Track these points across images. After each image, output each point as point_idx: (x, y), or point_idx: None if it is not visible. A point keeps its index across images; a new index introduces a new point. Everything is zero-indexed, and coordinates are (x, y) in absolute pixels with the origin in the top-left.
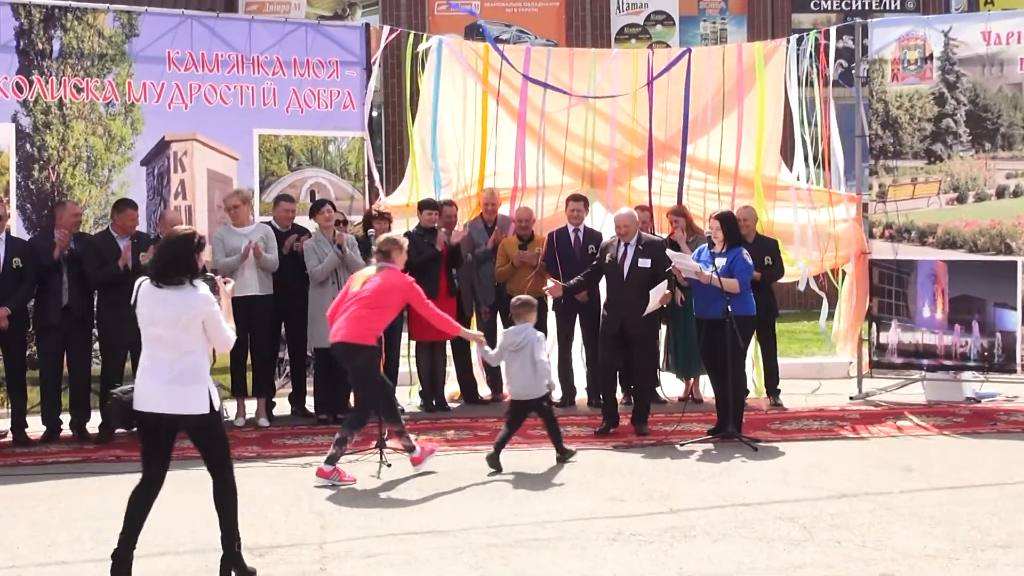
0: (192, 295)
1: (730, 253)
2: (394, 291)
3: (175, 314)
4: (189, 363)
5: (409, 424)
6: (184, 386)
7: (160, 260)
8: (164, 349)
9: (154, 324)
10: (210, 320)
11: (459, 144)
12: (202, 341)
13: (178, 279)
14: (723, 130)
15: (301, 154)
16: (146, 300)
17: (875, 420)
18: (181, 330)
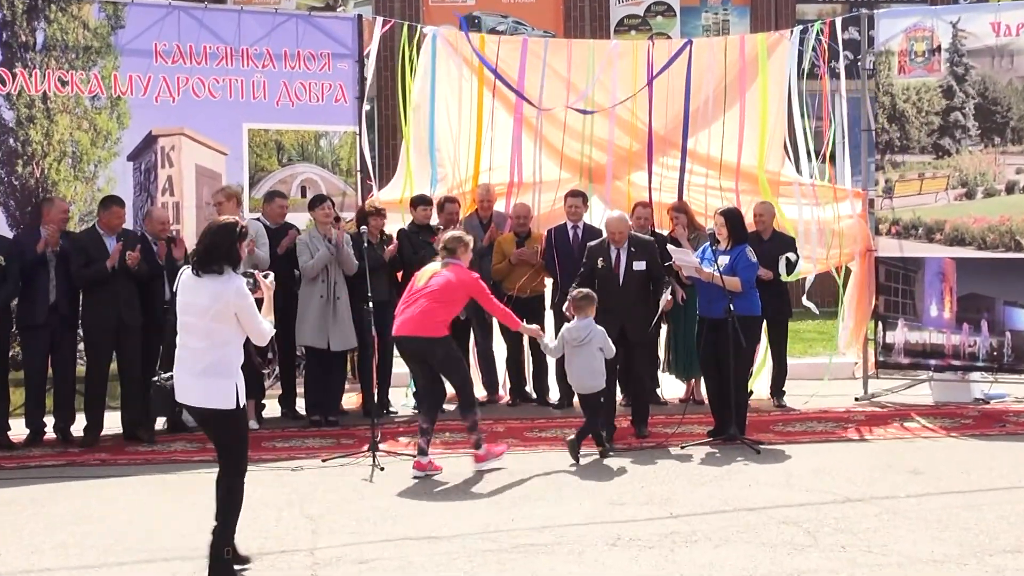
0: (227, 286)
1: (734, 251)
2: (461, 287)
3: (207, 303)
4: (218, 356)
5: (402, 427)
6: (211, 379)
7: (201, 248)
8: (195, 338)
9: (187, 312)
10: (243, 312)
11: (453, 138)
12: (235, 334)
13: (217, 268)
14: (724, 124)
15: (292, 149)
16: (184, 288)
17: (881, 422)
18: (212, 320)
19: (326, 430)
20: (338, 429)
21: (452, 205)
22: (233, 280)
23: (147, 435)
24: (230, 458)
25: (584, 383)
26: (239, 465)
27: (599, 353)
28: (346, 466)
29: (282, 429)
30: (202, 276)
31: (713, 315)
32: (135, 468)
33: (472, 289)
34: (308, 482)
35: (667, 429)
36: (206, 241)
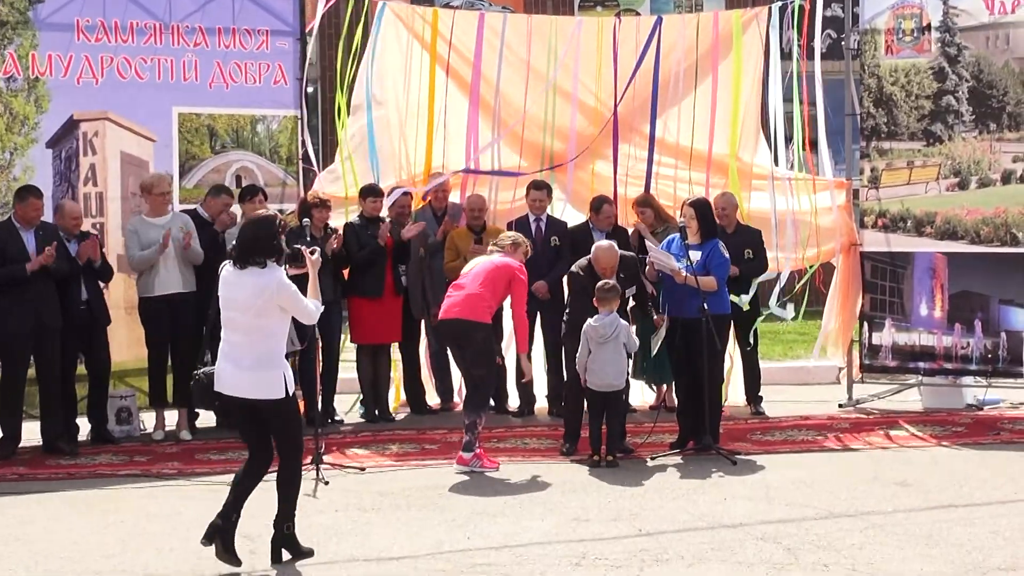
0: (269, 279)
1: (705, 246)
2: (507, 271)
3: (250, 298)
4: (265, 349)
5: (349, 438)
6: (260, 371)
7: (241, 242)
8: (239, 333)
9: (230, 307)
10: (288, 302)
11: (402, 122)
12: (279, 325)
13: (259, 261)
14: (695, 108)
15: (226, 135)
16: (226, 283)
17: (867, 430)
18: (256, 315)
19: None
20: None
21: (404, 198)
22: (275, 272)
23: (69, 446)
24: (289, 443)
25: (608, 381)
26: (298, 448)
27: (623, 349)
28: None
29: (217, 440)
30: (244, 269)
31: (684, 315)
32: (56, 483)
33: (514, 277)
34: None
35: (636, 439)
36: (247, 234)
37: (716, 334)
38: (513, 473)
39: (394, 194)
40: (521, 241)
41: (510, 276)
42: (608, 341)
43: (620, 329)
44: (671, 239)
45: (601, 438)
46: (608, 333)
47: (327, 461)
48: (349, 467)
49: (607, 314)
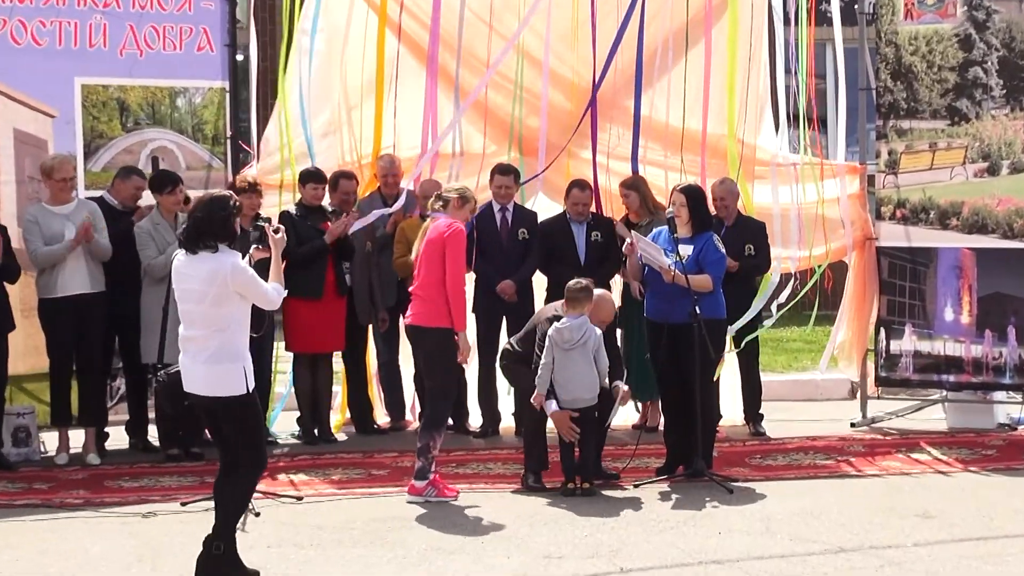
0: (222, 263)
1: (698, 240)
2: (438, 247)
3: (204, 286)
4: (222, 340)
5: (283, 462)
6: (216, 365)
7: (191, 224)
8: (196, 327)
9: (184, 299)
10: (246, 288)
11: (346, 95)
12: (238, 314)
13: (210, 244)
14: (686, 81)
15: (139, 110)
16: (177, 273)
17: (883, 453)
18: (211, 305)
19: (186, 466)
20: (202, 464)
21: (348, 182)
22: (228, 256)
23: None
24: (243, 449)
25: (579, 395)
26: (257, 457)
27: (601, 361)
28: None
29: (131, 465)
30: (195, 255)
31: (673, 320)
32: None
33: (446, 240)
34: (163, 532)
35: (617, 463)
36: (197, 215)
37: (710, 342)
38: (475, 503)
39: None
40: (470, 196)
41: (443, 232)
42: (575, 347)
43: (590, 335)
44: (657, 232)
45: (574, 463)
46: (575, 339)
47: (258, 489)
48: (284, 496)
49: (575, 317)
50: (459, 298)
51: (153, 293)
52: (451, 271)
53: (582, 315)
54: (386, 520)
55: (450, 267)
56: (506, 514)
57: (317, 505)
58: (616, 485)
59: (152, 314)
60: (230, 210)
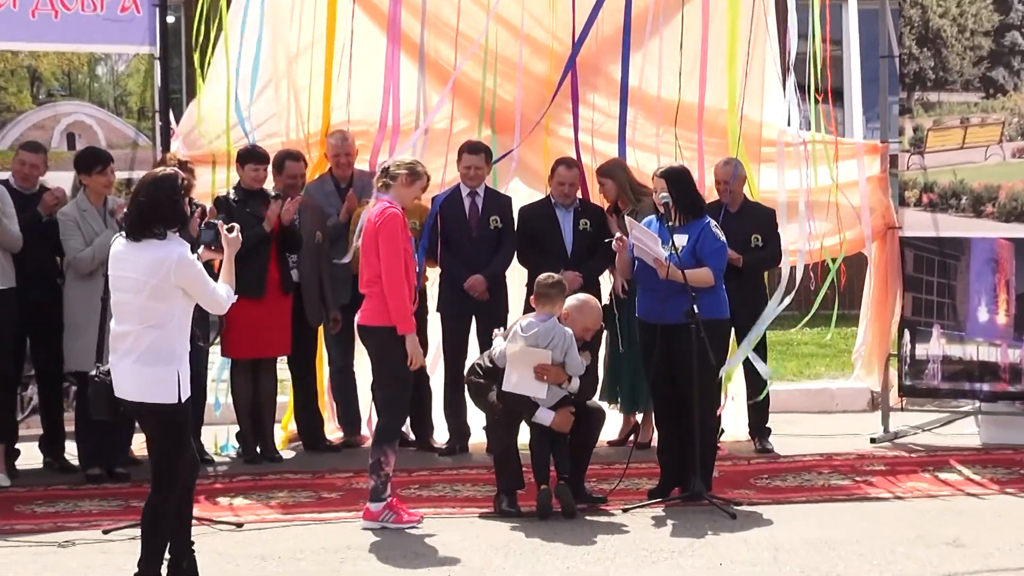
0: (168, 253)
1: (692, 227)
2: (372, 235)
3: (144, 276)
4: (156, 339)
5: (220, 484)
6: (148, 367)
7: (135, 209)
8: (130, 322)
9: (120, 288)
10: (191, 284)
11: (291, 65)
12: (178, 311)
13: (157, 231)
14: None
15: (53, 80)
16: (116, 259)
17: (908, 472)
18: (149, 297)
19: (109, 487)
20: (128, 486)
21: (295, 164)
22: (176, 246)
23: None
24: (158, 466)
25: (524, 392)
26: (168, 476)
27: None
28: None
29: (45, 487)
30: (139, 242)
31: (667, 320)
32: None
33: (379, 225)
34: (82, 564)
35: (604, 484)
36: (140, 199)
37: (710, 345)
38: (440, 529)
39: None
40: (421, 171)
41: (376, 220)
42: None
43: (557, 339)
44: (647, 222)
45: (548, 465)
46: (542, 345)
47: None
48: (221, 522)
49: (545, 318)
50: (398, 294)
51: (78, 290)
52: (386, 262)
53: (552, 316)
54: (339, 550)
55: (385, 258)
56: (477, 543)
57: (259, 533)
58: (603, 510)
59: (78, 314)
60: (178, 191)
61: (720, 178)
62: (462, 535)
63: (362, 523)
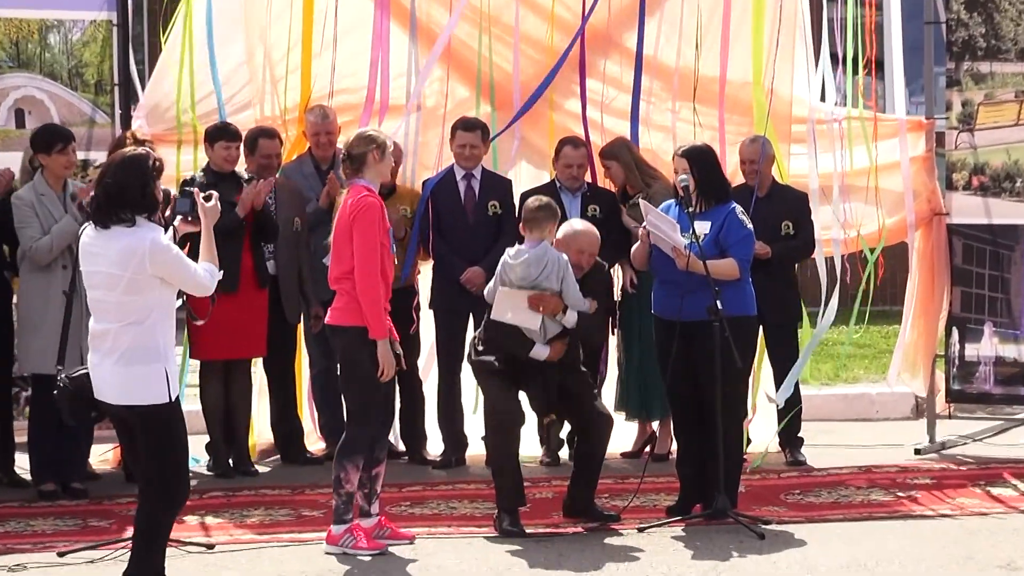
0: (140, 240)
1: (715, 213)
2: (346, 223)
3: (117, 269)
4: (137, 336)
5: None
6: (130, 366)
7: (101, 193)
8: (107, 320)
9: (93, 284)
10: (169, 269)
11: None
12: (160, 303)
13: (126, 217)
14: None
15: (1, 49)
16: (85, 252)
17: (956, 487)
18: (125, 292)
19: (66, 505)
20: (85, 504)
21: (269, 142)
22: (147, 232)
23: None
24: (155, 479)
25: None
26: (167, 491)
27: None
28: (98, 563)
29: None
30: (107, 230)
31: (686, 316)
32: None
33: (353, 212)
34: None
35: (617, 501)
36: (107, 181)
37: (735, 345)
38: (435, 551)
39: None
40: (382, 138)
41: (351, 210)
42: (531, 286)
43: (551, 266)
44: (665, 207)
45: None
46: (533, 275)
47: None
48: (190, 543)
49: (534, 244)
50: (372, 295)
51: (34, 284)
52: (360, 259)
53: (543, 241)
54: (320, 574)
55: (359, 253)
56: (476, 566)
57: (233, 555)
58: (615, 529)
59: (34, 311)
60: (149, 173)
61: (746, 157)
62: (459, 557)
63: (324, 547)
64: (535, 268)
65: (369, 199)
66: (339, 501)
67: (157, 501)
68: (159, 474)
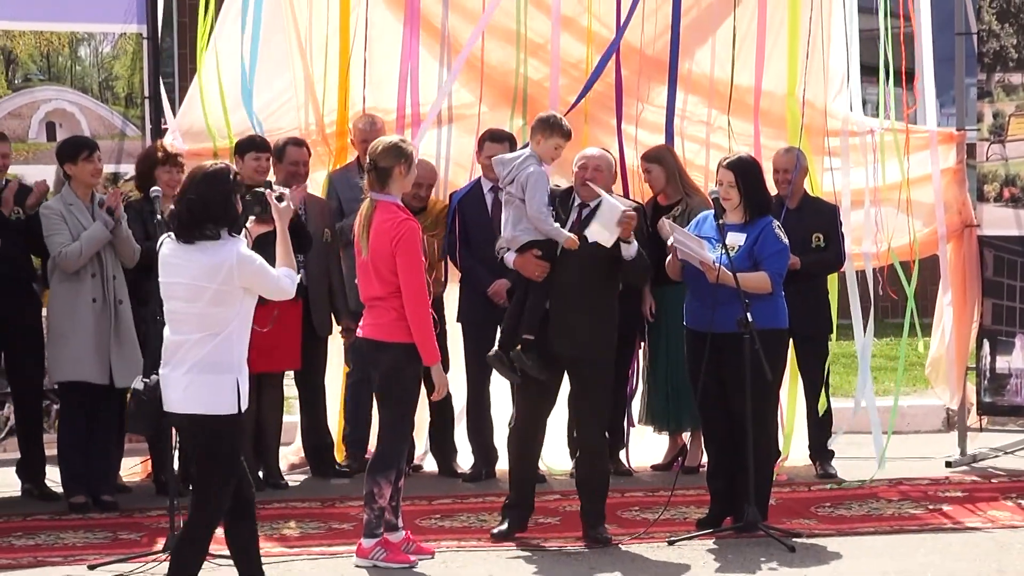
0: (226, 255)
1: (752, 227)
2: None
3: (201, 281)
4: (215, 347)
5: None
6: (202, 375)
7: (185, 206)
8: (185, 330)
9: (173, 295)
10: (254, 279)
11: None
12: (240, 314)
13: (210, 231)
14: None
15: (31, 63)
16: (166, 264)
17: (988, 500)
18: (209, 304)
19: (96, 518)
20: (116, 516)
21: (297, 150)
22: (232, 244)
23: None
24: (204, 486)
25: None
26: (210, 501)
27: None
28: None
29: (23, 517)
30: (191, 244)
31: (717, 328)
32: None
33: (397, 235)
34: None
35: (645, 514)
36: (190, 196)
37: (765, 358)
38: (465, 564)
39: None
40: (410, 149)
41: (391, 236)
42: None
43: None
44: (702, 218)
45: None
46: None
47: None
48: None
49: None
50: (424, 322)
51: (63, 293)
52: (409, 287)
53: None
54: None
55: (407, 281)
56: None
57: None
58: (647, 542)
59: (63, 320)
60: (231, 187)
61: (780, 166)
62: (488, 571)
63: (355, 559)
64: (500, 168)
65: (410, 224)
66: (371, 515)
67: (206, 510)
68: (204, 486)
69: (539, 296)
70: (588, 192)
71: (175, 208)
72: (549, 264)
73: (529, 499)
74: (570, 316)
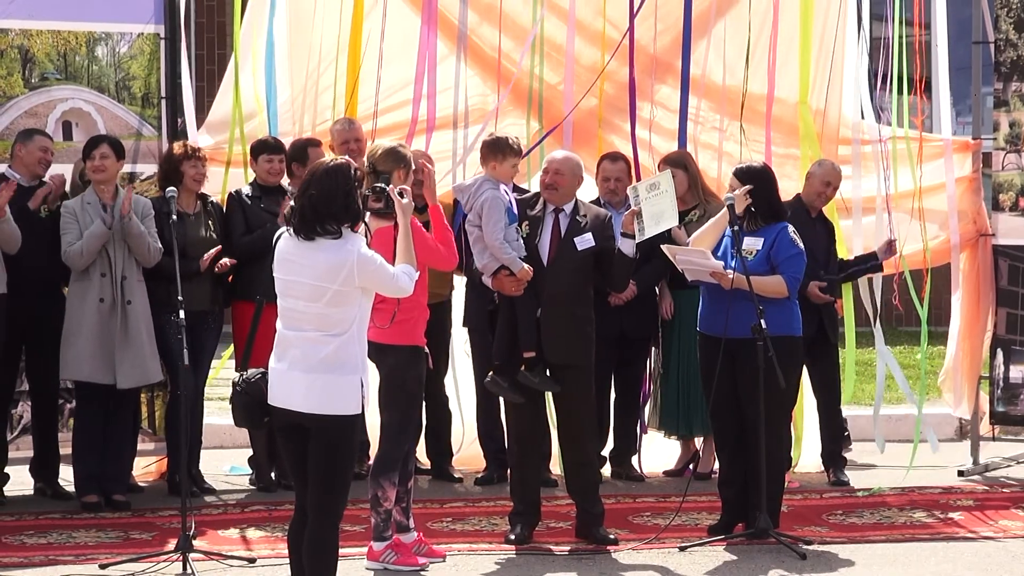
0: (348, 252)
1: (767, 232)
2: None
3: (321, 280)
4: (339, 345)
5: (232, 514)
6: (325, 375)
7: (305, 203)
8: (301, 328)
9: (289, 294)
10: (375, 277)
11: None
12: (360, 313)
13: (332, 228)
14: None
15: (48, 62)
16: (284, 261)
17: (1000, 509)
18: (329, 303)
19: (107, 517)
20: (128, 516)
21: (316, 151)
22: (353, 243)
23: None
24: (327, 487)
25: None
26: (334, 502)
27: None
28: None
29: (37, 516)
30: (311, 241)
31: (731, 333)
32: None
33: None
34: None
35: (656, 520)
36: (311, 192)
37: (778, 365)
38: (476, 568)
39: None
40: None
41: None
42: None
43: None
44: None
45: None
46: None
47: (199, 548)
48: (232, 557)
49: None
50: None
51: (75, 291)
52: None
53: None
54: None
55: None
56: None
57: (275, 569)
58: (659, 546)
59: (73, 318)
60: (352, 182)
61: (826, 179)
62: (500, 574)
63: (365, 563)
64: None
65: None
66: (378, 519)
67: (330, 513)
68: (328, 486)
69: (528, 312)
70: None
71: (295, 204)
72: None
73: (534, 507)
74: (560, 324)
